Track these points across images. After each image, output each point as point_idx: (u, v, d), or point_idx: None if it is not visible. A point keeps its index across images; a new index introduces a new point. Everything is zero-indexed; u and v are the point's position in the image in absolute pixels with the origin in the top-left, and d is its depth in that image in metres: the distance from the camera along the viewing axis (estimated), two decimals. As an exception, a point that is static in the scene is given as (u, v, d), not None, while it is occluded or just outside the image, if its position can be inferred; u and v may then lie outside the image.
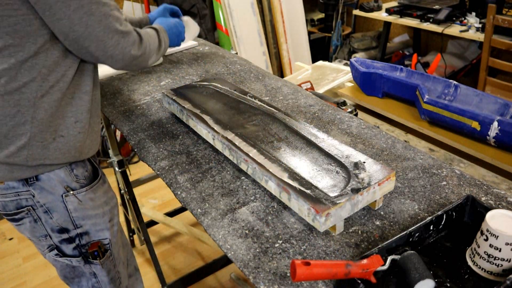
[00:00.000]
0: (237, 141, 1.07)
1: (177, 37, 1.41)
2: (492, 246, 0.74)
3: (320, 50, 4.29)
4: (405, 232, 0.80)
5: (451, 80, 1.50)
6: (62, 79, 1.02)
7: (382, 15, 3.29)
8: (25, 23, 0.93)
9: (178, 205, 2.55)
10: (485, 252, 0.75)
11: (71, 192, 1.12)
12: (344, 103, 1.53)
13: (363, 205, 0.89)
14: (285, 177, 0.92)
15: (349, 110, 1.50)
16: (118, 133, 2.96)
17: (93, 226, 1.19)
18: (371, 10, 3.39)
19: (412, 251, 0.75)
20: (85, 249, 1.20)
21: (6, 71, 0.95)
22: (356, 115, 1.50)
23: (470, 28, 2.79)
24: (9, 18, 0.92)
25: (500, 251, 0.73)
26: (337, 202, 0.83)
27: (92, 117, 1.14)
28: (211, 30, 3.70)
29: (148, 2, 3.67)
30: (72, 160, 1.10)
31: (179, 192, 1.04)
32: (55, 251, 1.18)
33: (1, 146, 1.02)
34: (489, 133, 1.25)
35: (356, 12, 3.54)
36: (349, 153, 0.98)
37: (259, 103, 1.26)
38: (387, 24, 3.44)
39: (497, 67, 2.45)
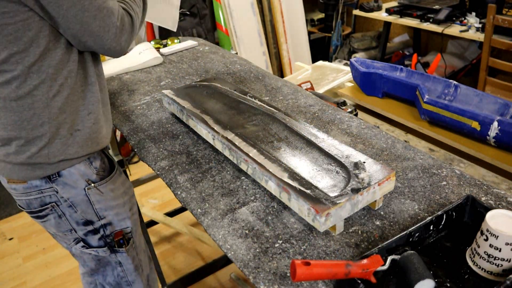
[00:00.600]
0: (237, 141, 1.07)
1: None
2: (492, 246, 0.74)
3: (320, 50, 4.29)
4: (405, 232, 0.80)
5: (451, 80, 1.50)
6: (70, 75, 1.04)
7: (382, 15, 3.29)
8: (25, 28, 0.93)
9: (178, 205, 2.55)
10: (485, 252, 0.75)
11: (93, 184, 1.15)
12: (344, 103, 1.53)
13: (363, 205, 0.89)
14: (285, 177, 0.92)
15: (349, 110, 1.50)
16: (118, 133, 2.96)
17: (115, 216, 1.22)
18: (371, 10, 3.39)
19: (412, 251, 0.75)
20: (110, 239, 1.24)
21: (16, 78, 0.97)
22: (356, 115, 1.50)
23: (470, 28, 2.79)
24: (8, 26, 0.92)
25: (500, 251, 0.73)
26: (337, 202, 0.83)
27: (104, 106, 1.16)
28: (211, 30, 3.70)
29: None
30: (90, 152, 1.12)
31: (179, 192, 1.04)
32: (82, 243, 1.22)
33: (23, 149, 1.04)
34: (489, 133, 1.25)
35: (356, 12, 3.54)
36: (349, 153, 0.98)
37: (259, 103, 1.26)
38: (387, 24, 3.44)
39: (497, 67, 2.45)
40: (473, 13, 2.94)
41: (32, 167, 1.06)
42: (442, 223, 0.85)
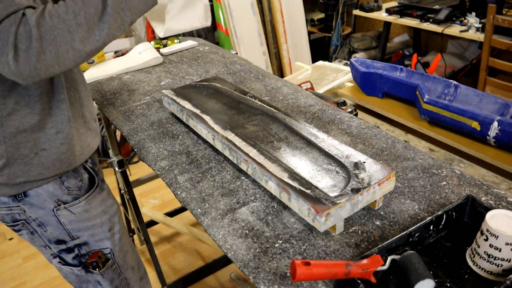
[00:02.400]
0: (237, 141, 1.07)
1: None
2: (492, 246, 0.74)
3: (320, 50, 4.29)
4: (405, 232, 0.80)
5: (451, 80, 1.50)
6: (27, 92, 0.93)
7: (382, 15, 3.29)
8: None
9: (178, 205, 2.55)
10: (485, 252, 0.75)
11: (63, 205, 1.07)
12: (344, 103, 1.53)
13: (363, 205, 0.89)
14: (285, 177, 0.92)
15: (349, 110, 1.50)
16: (118, 133, 2.96)
17: (91, 236, 1.15)
18: (371, 10, 3.39)
19: (412, 251, 0.75)
20: (85, 258, 1.18)
21: None
22: (356, 115, 1.50)
23: (470, 28, 2.79)
24: None
25: (500, 251, 0.73)
26: (337, 202, 0.83)
27: (76, 123, 1.05)
28: (211, 30, 3.70)
29: None
30: (60, 173, 1.04)
31: (179, 192, 1.04)
32: (58, 259, 1.17)
33: None
34: (489, 133, 1.25)
35: (356, 12, 3.54)
36: (349, 153, 0.98)
37: (259, 103, 1.26)
38: (387, 24, 3.44)
39: (497, 67, 2.45)
40: (473, 13, 2.94)
41: None
42: (442, 223, 0.85)
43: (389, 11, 3.25)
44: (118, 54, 1.93)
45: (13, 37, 0.74)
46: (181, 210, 2.47)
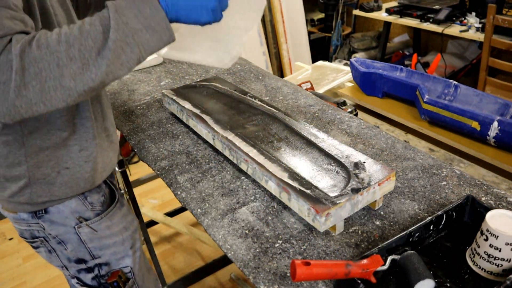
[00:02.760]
0: (237, 141, 1.07)
1: (199, 9, 0.74)
2: (492, 246, 0.74)
3: (320, 50, 4.29)
4: (405, 232, 0.80)
5: (451, 80, 1.51)
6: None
7: (382, 15, 3.29)
8: None
9: (178, 205, 2.55)
10: (485, 252, 0.75)
11: (85, 222, 1.00)
12: (344, 103, 1.53)
13: (363, 205, 0.89)
14: (285, 177, 0.92)
15: (349, 110, 1.50)
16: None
17: (112, 255, 1.08)
18: (371, 10, 3.39)
19: (412, 251, 0.75)
20: (105, 279, 1.11)
21: None
22: (356, 115, 1.50)
23: (470, 28, 2.79)
24: None
25: (500, 251, 0.73)
26: (337, 202, 0.83)
27: (100, 138, 0.98)
28: (211, 30, 3.69)
29: None
30: (83, 191, 0.98)
31: (179, 192, 1.04)
32: (76, 280, 1.10)
33: (4, 187, 0.93)
34: (489, 133, 1.25)
35: (356, 12, 3.53)
36: (349, 153, 0.98)
37: (259, 103, 1.26)
38: (387, 24, 3.44)
39: (497, 67, 2.45)
40: (473, 13, 2.94)
41: (15, 203, 0.96)
42: (442, 223, 0.85)
43: (389, 11, 3.25)
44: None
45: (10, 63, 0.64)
46: (181, 210, 2.47)
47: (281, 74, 3.91)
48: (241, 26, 0.90)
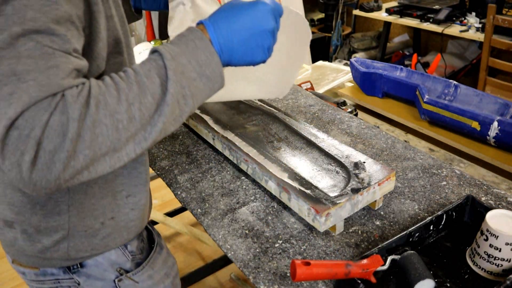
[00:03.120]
0: (237, 141, 1.07)
1: (255, 49, 0.67)
2: (492, 246, 0.74)
3: (320, 50, 4.29)
4: (405, 232, 0.80)
5: (451, 80, 1.51)
6: None
7: (382, 15, 3.29)
8: None
9: (178, 205, 2.55)
10: (485, 252, 0.75)
11: (126, 274, 0.87)
12: (344, 103, 1.53)
13: (363, 205, 0.89)
14: (285, 177, 0.92)
15: (349, 110, 1.50)
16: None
17: None
18: (371, 10, 3.39)
19: (412, 251, 0.75)
20: None
21: None
22: (356, 115, 1.50)
23: (470, 28, 2.79)
24: None
25: (500, 251, 0.73)
26: (337, 202, 0.83)
27: (148, 180, 0.87)
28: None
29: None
30: (126, 242, 0.86)
31: (179, 192, 1.04)
32: None
33: (33, 239, 0.77)
34: (489, 133, 1.25)
35: (356, 12, 3.53)
36: (349, 153, 0.98)
37: (259, 103, 1.26)
38: (387, 24, 3.44)
39: (497, 67, 2.45)
40: (473, 13, 2.94)
41: (42, 259, 0.80)
42: (442, 223, 0.85)
43: (389, 11, 3.25)
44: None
45: (39, 131, 0.50)
46: (181, 210, 2.47)
47: (281, 74, 3.90)
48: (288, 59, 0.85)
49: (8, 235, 0.79)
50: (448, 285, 0.75)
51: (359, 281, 0.70)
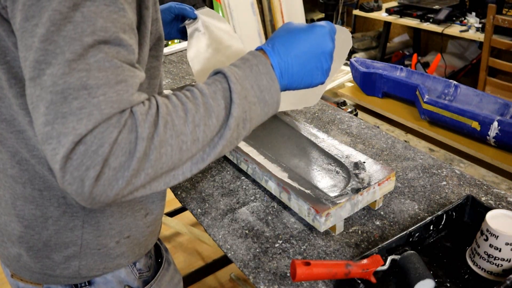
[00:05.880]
0: (237, 141, 1.07)
1: (315, 72, 0.68)
2: (492, 246, 0.74)
3: (320, 50, 4.29)
4: (405, 232, 0.80)
5: (451, 80, 1.50)
6: None
7: (382, 15, 3.29)
8: None
9: (178, 205, 2.55)
10: (485, 252, 0.75)
11: None
12: (344, 103, 1.53)
13: (363, 205, 0.89)
14: (285, 177, 0.92)
15: (349, 110, 1.50)
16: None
17: None
18: (371, 10, 3.39)
19: (412, 251, 0.75)
20: None
21: None
22: (356, 115, 1.50)
23: (470, 28, 2.79)
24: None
25: (500, 251, 0.73)
26: (337, 202, 0.83)
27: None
28: (211, 30, 3.70)
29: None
30: (136, 260, 0.83)
31: (179, 192, 1.04)
32: None
33: (41, 255, 0.73)
34: (489, 133, 1.25)
35: (356, 12, 3.53)
36: (349, 153, 0.98)
37: (259, 103, 1.26)
38: (387, 24, 3.44)
39: (497, 67, 2.45)
40: (473, 13, 2.95)
41: (48, 276, 0.76)
42: (442, 223, 0.85)
43: (389, 11, 3.25)
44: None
45: (108, 148, 0.49)
46: (181, 210, 2.47)
47: (281, 74, 3.90)
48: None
49: (12, 251, 0.75)
50: (448, 285, 0.75)
51: (359, 281, 0.70)
